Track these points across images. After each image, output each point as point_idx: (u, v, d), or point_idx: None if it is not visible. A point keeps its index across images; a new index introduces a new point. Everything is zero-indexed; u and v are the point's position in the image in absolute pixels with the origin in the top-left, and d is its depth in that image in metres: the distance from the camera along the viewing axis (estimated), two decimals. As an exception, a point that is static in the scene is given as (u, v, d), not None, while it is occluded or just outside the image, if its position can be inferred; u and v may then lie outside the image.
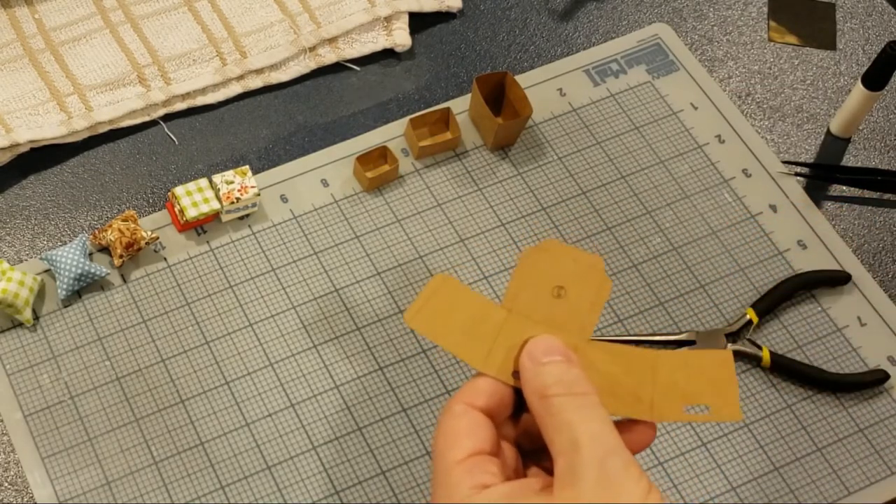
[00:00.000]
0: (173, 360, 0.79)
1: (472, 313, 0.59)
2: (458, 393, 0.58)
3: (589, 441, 0.54)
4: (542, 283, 0.60)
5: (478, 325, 0.59)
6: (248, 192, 0.83)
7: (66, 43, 0.91)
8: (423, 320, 0.59)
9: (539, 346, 0.58)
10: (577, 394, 0.56)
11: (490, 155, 0.89)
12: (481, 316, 0.59)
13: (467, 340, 0.59)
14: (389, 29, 0.93)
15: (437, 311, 0.60)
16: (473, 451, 0.56)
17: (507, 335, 0.59)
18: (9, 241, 0.84)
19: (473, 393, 0.58)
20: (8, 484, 0.75)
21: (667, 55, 0.94)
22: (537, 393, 0.57)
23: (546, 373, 0.57)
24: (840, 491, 0.76)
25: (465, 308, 0.60)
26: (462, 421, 0.57)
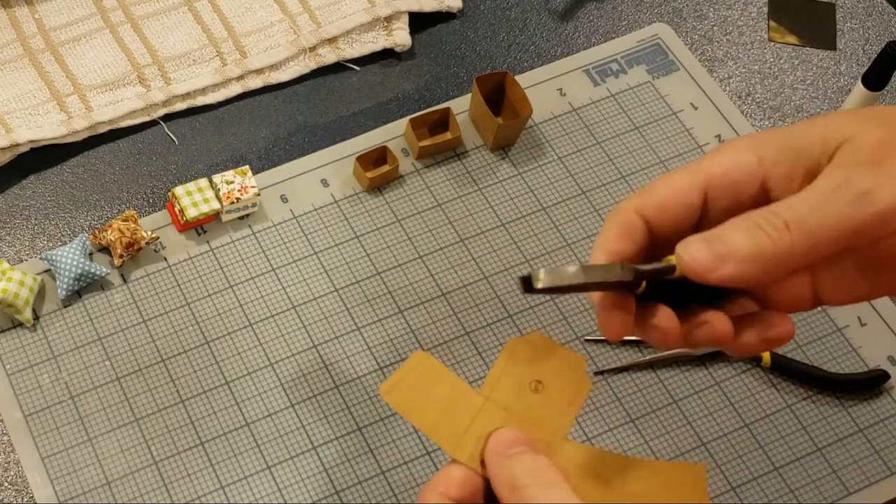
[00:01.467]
0: (173, 360, 0.79)
1: (448, 395, 0.59)
2: (432, 482, 0.57)
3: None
4: (522, 375, 0.59)
5: (453, 408, 0.59)
6: (248, 192, 0.83)
7: (66, 43, 0.91)
8: (398, 396, 0.59)
9: (502, 438, 0.57)
10: (549, 483, 0.55)
11: (490, 155, 0.89)
12: (457, 399, 0.59)
13: (441, 422, 0.58)
14: (389, 29, 0.93)
15: (414, 388, 0.59)
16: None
17: (481, 423, 0.58)
18: (9, 241, 0.84)
19: (447, 482, 0.57)
20: (8, 484, 0.75)
21: (667, 55, 0.94)
22: (507, 485, 0.56)
23: (513, 464, 0.56)
24: (840, 491, 0.76)
25: (442, 389, 0.59)
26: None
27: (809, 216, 0.53)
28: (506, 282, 0.83)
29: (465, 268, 0.84)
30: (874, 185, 0.52)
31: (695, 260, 0.54)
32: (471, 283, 0.83)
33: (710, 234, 0.54)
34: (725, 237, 0.54)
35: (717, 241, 0.54)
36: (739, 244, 0.53)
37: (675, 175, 0.57)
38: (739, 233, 0.53)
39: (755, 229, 0.53)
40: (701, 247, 0.54)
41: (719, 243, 0.54)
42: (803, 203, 0.53)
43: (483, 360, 0.80)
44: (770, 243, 0.53)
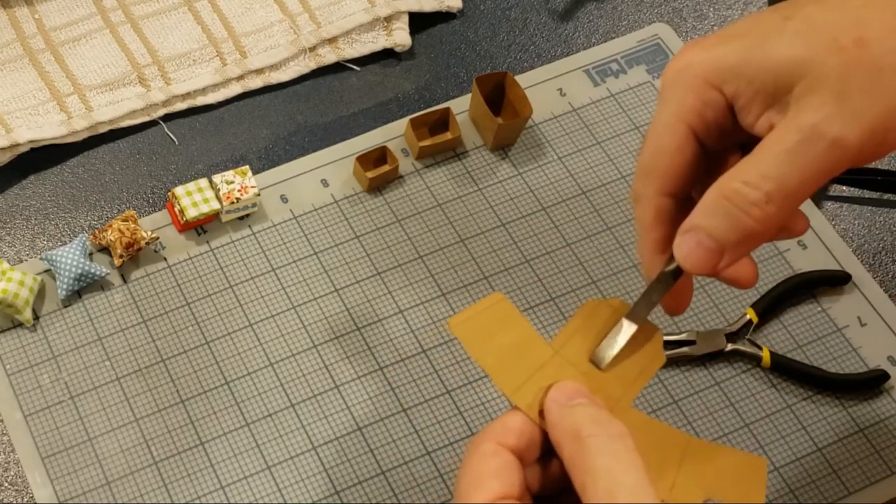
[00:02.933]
0: (173, 360, 0.79)
1: (517, 341, 0.58)
2: (488, 430, 0.55)
3: (626, 493, 0.52)
4: (596, 336, 0.59)
5: (519, 354, 0.57)
6: (248, 192, 0.83)
7: (66, 43, 0.91)
8: (466, 331, 0.57)
9: (565, 388, 0.56)
10: (613, 436, 0.54)
11: (490, 155, 0.89)
12: (525, 347, 0.58)
13: (504, 365, 0.57)
14: (389, 29, 0.93)
15: (484, 326, 0.58)
16: (501, 494, 0.53)
17: (545, 374, 0.57)
18: (9, 241, 0.84)
19: (504, 431, 0.55)
20: (8, 484, 0.75)
21: (667, 55, 0.94)
22: (570, 433, 0.54)
23: (577, 413, 0.55)
24: (840, 491, 0.76)
25: (512, 334, 0.58)
26: (491, 462, 0.54)
27: (787, 179, 0.53)
28: (506, 282, 0.83)
29: (465, 268, 0.84)
30: (842, 127, 0.52)
31: (694, 266, 0.55)
32: (471, 283, 0.83)
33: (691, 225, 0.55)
34: (713, 230, 0.54)
35: (705, 237, 0.54)
36: (727, 235, 0.54)
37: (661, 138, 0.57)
38: (723, 221, 0.54)
39: (738, 214, 0.54)
40: (692, 247, 0.55)
41: (708, 239, 0.54)
42: (777, 164, 0.53)
43: (483, 360, 0.80)
44: (756, 223, 0.54)
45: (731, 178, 0.54)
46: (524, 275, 0.83)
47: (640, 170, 0.58)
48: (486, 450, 0.55)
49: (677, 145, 0.57)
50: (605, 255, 0.84)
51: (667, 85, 0.57)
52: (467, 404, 0.78)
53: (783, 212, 0.54)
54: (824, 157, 0.53)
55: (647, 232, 0.59)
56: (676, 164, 0.57)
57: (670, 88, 0.57)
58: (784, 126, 0.53)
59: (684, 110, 0.56)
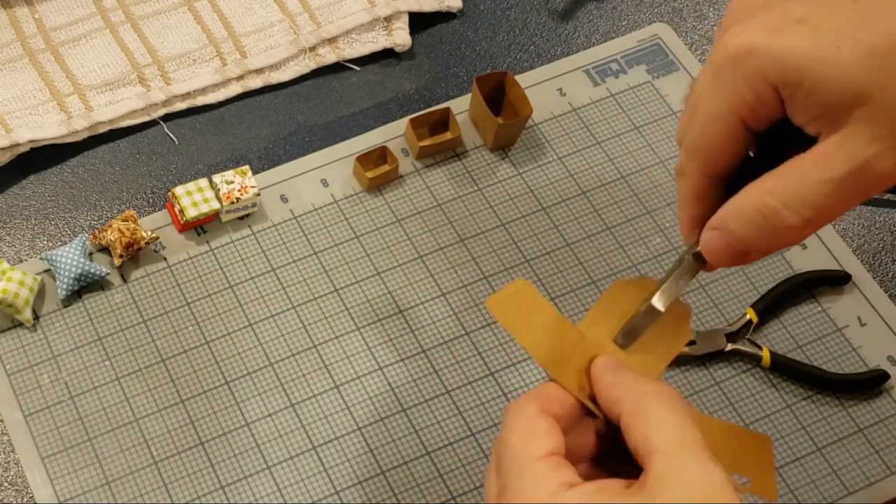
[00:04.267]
0: (173, 360, 0.79)
1: (546, 323, 0.59)
2: (529, 396, 0.57)
3: (694, 447, 0.53)
4: (622, 316, 0.60)
5: (553, 336, 0.59)
6: (248, 192, 0.83)
7: (66, 43, 0.91)
8: (504, 311, 0.59)
9: (611, 358, 0.58)
10: (675, 397, 0.56)
11: (490, 155, 0.89)
12: (556, 330, 0.59)
13: (544, 343, 0.59)
14: (389, 29, 0.93)
15: (518, 307, 0.59)
16: (554, 450, 0.55)
17: (578, 356, 0.58)
18: (9, 241, 0.84)
19: (546, 399, 0.57)
20: (8, 484, 0.75)
21: (667, 55, 0.94)
22: (634, 390, 0.56)
23: (630, 376, 0.57)
24: (840, 491, 0.76)
25: (541, 316, 0.59)
26: (541, 421, 0.56)
27: (828, 208, 0.53)
28: (506, 282, 0.83)
29: (465, 268, 0.84)
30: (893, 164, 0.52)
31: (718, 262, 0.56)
32: (471, 283, 0.83)
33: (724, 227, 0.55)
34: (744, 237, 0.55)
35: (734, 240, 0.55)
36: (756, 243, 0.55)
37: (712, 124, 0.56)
38: (755, 232, 0.54)
39: (772, 232, 0.54)
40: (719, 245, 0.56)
41: (737, 242, 0.55)
42: (821, 193, 0.53)
43: (483, 359, 0.80)
44: (788, 241, 0.54)
45: (771, 193, 0.54)
46: (524, 275, 0.83)
47: (687, 146, 0.58)
48: (532, 412, 0.56)
49: (727, 135, 0.56)
50: (605, 255, 0.84)
51: (724, 66, 0.55)
52: (467, 404, 0.78)
53: (815, 230, 0.55)
54: (867, 190, 0.53)
55: (686, 207, 0.59)
56: (723, 152, 0.57)
57: (728, 72, 0.55)
58: (834, 147, 0.53)
59: (739, 104, 0.55)
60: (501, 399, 0.78)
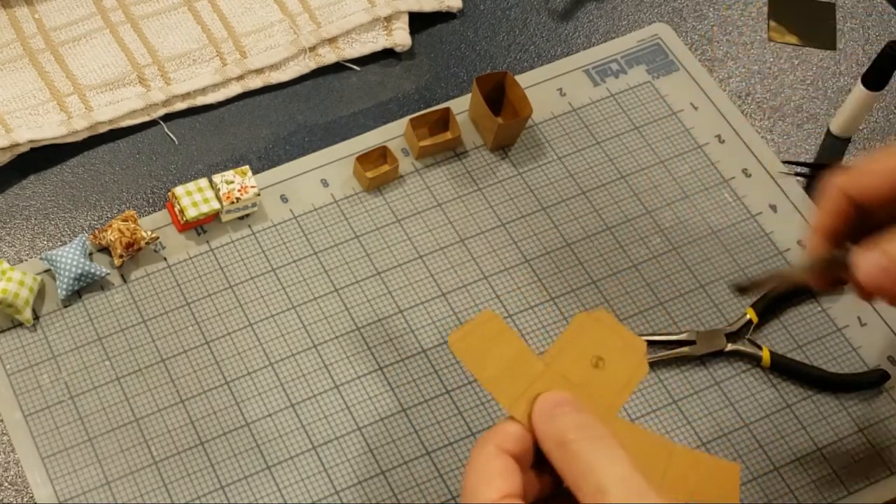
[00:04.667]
0: (173, 360, 0.79)
1: (511, 356, 0.60)
2: (489, 434, 0.58)
3: (615, 484, 0.54)
4: (585, 349, 0.61)
5: (514, 368, 0.60)
6: (248, 192, 0.83)
7: (66, 43, 0.91)
8: (465, 347, 0.60)
9: (550, 398, 0.59)
10: (595, 437, 0.56)
11: (490, 155, 0.89)
12: (519, 361, 0.60)
13: (501, 378, 0.60)
14: (389, 29, 0.93)
15: (481, 343, 0.60)
16: (507, 492, 0.56)
17: (539, 387, 0.60)
18: (9, 241, 0.84)
19: (503, 436, 0.58)
20: (8, 484, 0.75)
21: (667, 55, 0.94)
22: (555, 440, 0.57)
23: (561, 421, 0.57)
24: (840, 491, 0.76)
25: (506, 349, 0.60)
26: (495, 462, 0.57)
27: None
28: (506, 282, 0.83)
29: (465, 268, 0.84)
30: None
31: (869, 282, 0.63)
32: (471, 283, 0.83)
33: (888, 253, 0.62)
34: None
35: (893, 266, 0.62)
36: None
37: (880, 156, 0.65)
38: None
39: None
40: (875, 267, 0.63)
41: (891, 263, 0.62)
42: None
43: (483, 360, 0.80)
44: None
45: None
46: (524, 275, 0.83)
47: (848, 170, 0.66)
48: (489, 452, 0.57)
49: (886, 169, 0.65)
50: (605, 255, 0.84)
51: None
52: (467, 404, 0.78)
53: None
54: None
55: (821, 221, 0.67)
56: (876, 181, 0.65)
57: None
58: None
59: None
60: (501, 399, 0.78)
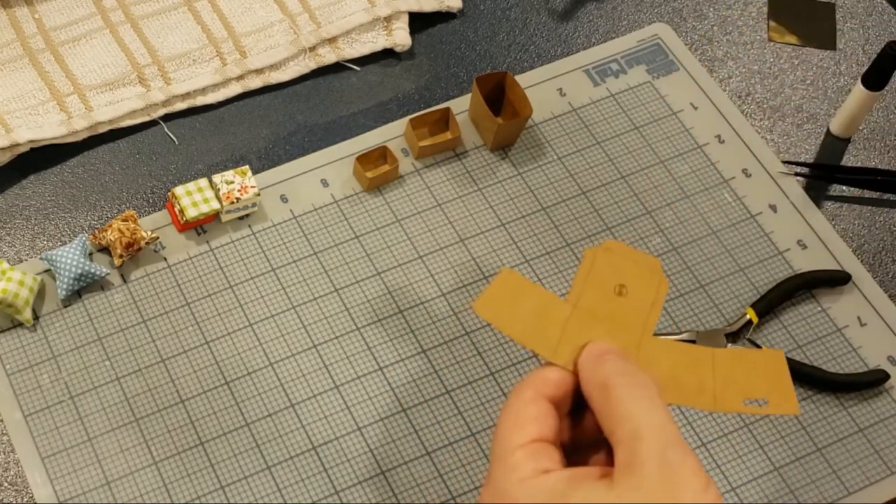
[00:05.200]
0: (173, 360, 0.79)
1: (537, 307, 0.61)
2: (527, 379, 0.59)
3: (650, 432, 0.55)
4: (604, 281, 0.62)
5: (544, 318, 0.61)
6: (248, 192, 0.83)
7: (66, 43, 0.91)
8: (490, 310, 0.61)
9: (598, 346, 0.60)
10: (638, 384, 0.58)
11: (490, 155, 0.89)
12: (547, 310, 0.61)
13: (535, 331, 0.61)
14: (389, 29, 0.93)
15: (505, 301, 0.61)
16: (538, 436, 0.57)
17: (572, 330, 0.61)
18: (9, 241, 0.84)
19: (543, 382, 0.59)
20: (8, 484, 0.75)
21: (667, 55, 0.94)
22: (599, 384, 0.58)
23: (606, 366, 0.59)
24: (840, 491, 0.76)
25: (531, 301, 0.61)
26: (531, 407, 0.58)
27: None
28: (506, 282, 0.83)
29: (465, 268, 0.84)
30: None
31: None
32: (470, 282, 0.83)
33: None
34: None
35: None
36: None
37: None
38: None
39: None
40: None
41: None
42: None
43: (483, 359, 0.80)
44: None
45: None
46: (524, 275, 0.83)
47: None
48: (526, 397, 0.59)
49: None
50: (605, 255, 0.84)
51: None
52: (467, 404, 0.78)
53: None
54: None
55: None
56: None
57: None
58: None
59: None
60: (501, 399, 0.78)
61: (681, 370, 0.61)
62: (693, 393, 0.61)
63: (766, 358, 0.62)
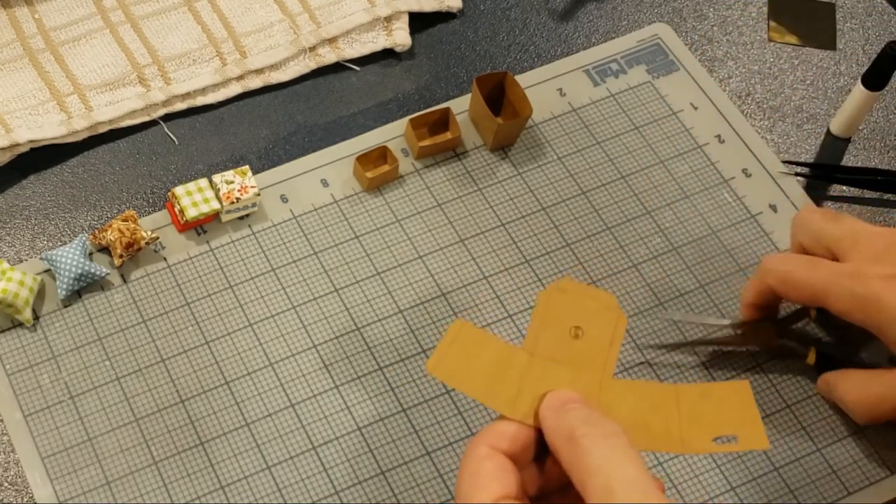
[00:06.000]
0: (173, 360, 0.79)
1: (494, 358, 0.59)
2: (481, 435, 0.57)
3: (623, 486, 0.54)
4: (560, 323, 0.60)
5: (501, 369, 0.59)
6: (248, 192, 0.83)
7: (66, 43, 0.91)
8: (445, 368, 0.59)
9: (559, 395, 0.58)
10: (606, 434, 0.56)
11: (490, 155, 0.89)
12: (504, 360, 0.59)
13: (492, 386, 0.59)
14: (389, 29, 0.94)
15: (460, 357, 0.59)
16: (500, 494, 0.55)
17: (532, 380, 0.59)
18: (9, 241, 0.84)
19: (497, 436, 0.57)
20: (8, 484, 0.75)
21: (667, 55, 0.94)
22: (564, 435, 0.56)
23: (571, 416, 0.57)
24: (840, 491, 0.76)
25: (487, 353, 0.59)
26: (488, 464, 0.56)
27: None
28: (505, 282, 0.83)
29: (465, 268, 0.84)
30: None
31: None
32: (471, 282, 0.83)
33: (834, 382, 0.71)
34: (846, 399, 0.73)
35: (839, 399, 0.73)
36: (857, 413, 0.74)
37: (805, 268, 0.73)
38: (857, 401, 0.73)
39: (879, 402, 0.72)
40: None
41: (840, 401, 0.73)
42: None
43: (483, 360, 0.80)
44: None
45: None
46: (524, 275, 0.83)
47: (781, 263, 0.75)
48: (481, 453, 0.56)
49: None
50: (604, 255, 0.84)
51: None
52: (467, 404, 0.78)
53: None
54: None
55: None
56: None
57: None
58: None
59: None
60: (501, 399, 0.78)
61: (645, 412, 0.59)
62: (658, 436, 0.59)
63: (732, 391, 0.60)
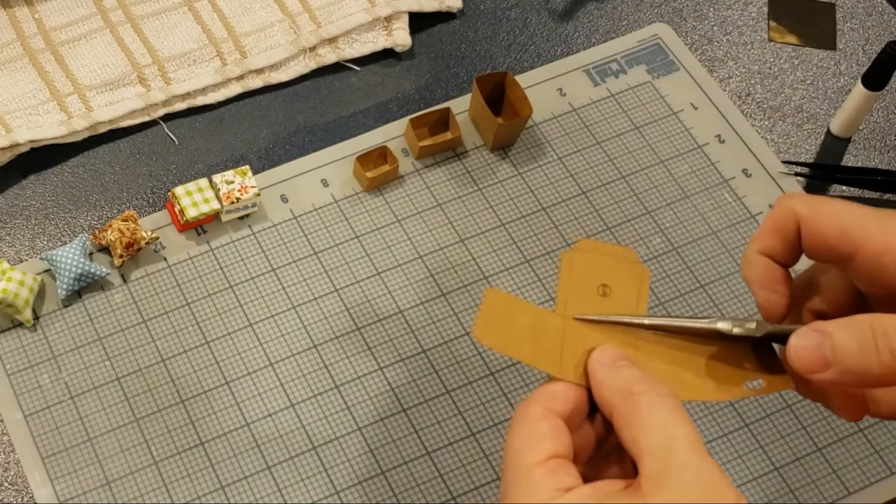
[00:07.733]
0: (173, 360, 0.79)
1: (531, 322, 0.60)
2: (534, 396, 0.58)
3: (685, 444, 0.54)
4: (586, 283, 0.61)
5: (541, 333, 0.59)
6: (248, 192, 0.83)
7: (66, 43, 0.91)
8: (492, 336, 0.59)
9: (607, 351, 0.58)
10: (662, 394, 0.56)
11: (490, 155, 0.89)
12: (541, 324, 0.60)
13: (537, 350, 0.59)
14: (389, 29, 0.94)
15: (501, 324, 0.59)
16: (554, 453, 0.55)
17: (570, 341, 0.59)
18: (9, 241, 0.84)
19: (550, 398, 0.57)
20: (8, 484, 0.75)
21: (667, 55, 0.94)
22: (621, 391, 0.56)
23: (625, 373, 0.57)
24: (840, 491, 0.76)
25: (524, 318, 0.60)
26: (542, 424, 0.56)
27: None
28: (506, 282, 0.83)
29: (465, 268, 0.84)
30: None
31: (799, 358, 0.56)
32: (471, 283, 0.83)
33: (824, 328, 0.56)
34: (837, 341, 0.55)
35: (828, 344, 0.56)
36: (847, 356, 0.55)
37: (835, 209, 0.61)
38: (852, 341, 0.55)
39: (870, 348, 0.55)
40: (809, 344, 0.56)
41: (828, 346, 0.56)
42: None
43: (483, 359, 0.80)
44: (878, 367, 0.55)
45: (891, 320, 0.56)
46: (524, 275, 0.83)
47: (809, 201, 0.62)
48: (535, 413, 0.57)
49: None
50: (605, 255, 0.84)
51: None
52: (467, 404, 0.78)
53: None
54: None
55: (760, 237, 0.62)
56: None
57: None
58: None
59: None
60: (501, 399, 0.78)
61: (678, 363, 0.60)
62: (694, 386, 0.60)
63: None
